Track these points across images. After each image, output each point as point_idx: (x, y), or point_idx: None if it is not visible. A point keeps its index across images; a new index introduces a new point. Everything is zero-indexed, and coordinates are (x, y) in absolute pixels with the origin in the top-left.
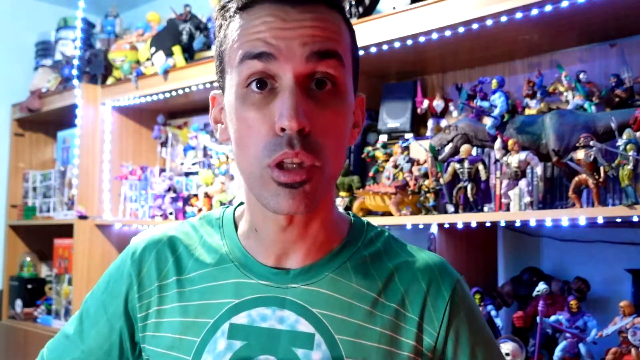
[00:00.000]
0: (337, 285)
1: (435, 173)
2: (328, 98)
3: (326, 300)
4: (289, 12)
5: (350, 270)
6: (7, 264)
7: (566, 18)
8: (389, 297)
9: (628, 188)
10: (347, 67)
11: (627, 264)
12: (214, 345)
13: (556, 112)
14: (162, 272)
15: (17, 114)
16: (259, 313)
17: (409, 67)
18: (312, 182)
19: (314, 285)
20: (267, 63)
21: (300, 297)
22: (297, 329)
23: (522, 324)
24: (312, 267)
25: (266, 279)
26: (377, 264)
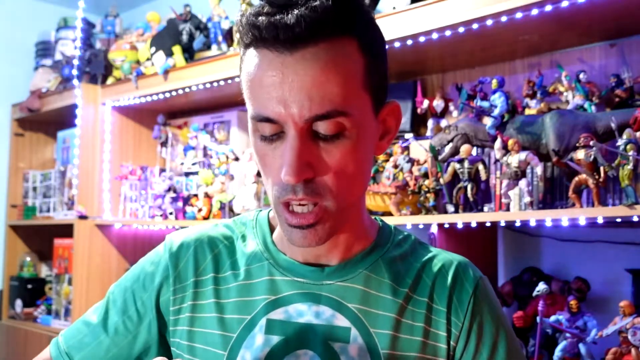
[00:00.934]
0: (371, 281)
1: (435, 173)
2: (336, 141)
3: (361, 296)
4: (286, 61)
5: (382, 267)
6: (7, 264)
7: (566, 18)
8: (420, 292)
9: (628, 188)
10: (359, 102)
11: (627, 264)
12: (251, 340)
13: (556, 112)
14: (199, 268)
15: (17, 114)
16: (295, 309)
17: (409, 67)
18: (322, 222)
19: (349, 282)
20: (273, 123)
21: (336, 293)
22: (334, 324)
23: (522, 324)
24: (347, 265)
25: (302, 276)
26: (406, 263)
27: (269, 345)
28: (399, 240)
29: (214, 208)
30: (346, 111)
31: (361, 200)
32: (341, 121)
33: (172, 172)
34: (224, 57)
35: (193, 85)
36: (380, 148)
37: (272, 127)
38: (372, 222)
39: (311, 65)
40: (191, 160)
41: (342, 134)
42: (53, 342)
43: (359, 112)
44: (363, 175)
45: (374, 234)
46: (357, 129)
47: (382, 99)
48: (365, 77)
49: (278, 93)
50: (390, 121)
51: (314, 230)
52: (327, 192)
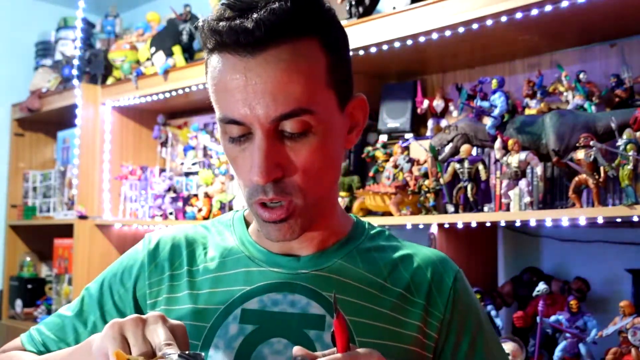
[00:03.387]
0: (346, 271)
1: (435, 173)
2: (302, 139)
3: (336, 285)
4: (249, 64)
5: (357, 258)
6: (7, 264)
7: (566, 18)
8: (395, 283)
9: (628, 188)
10: (324, 100)
11: (627, 263)
12: (225, 329)
13: (556, 112)
14: (175, 263)
15: (17, 114)
16: (270, 298)
17: (409, 67)
18: (294, 216)
19: (324, 271)
20: (240, 125)
21: (311, 282)
22: (309, 312)
23: (522, 324)
24: (322, 254)
25: (277, 266)
26: (382, 254)
27: (243, 334)
28: (372, 234)
29: (214, 208)
30: (311, 109)
31: (334, 195)
32: (306, 119)
33: (172, 172)
34: None
35: (193, 85)
36: (349, 141)
37: (240, 128)
38: (347, 217)
39: (273, 67)
40: (191, 160)
41: (309, 132)
42: (26, 335)
43: (324, 109)
44: (332, 170)
45: (348, 228)
46: (323, 126)
47: (347, 94)
48: (328, 75)
49: (243, 96)
50: (358, 114)
51: (288, 224)
52: (297, 190)
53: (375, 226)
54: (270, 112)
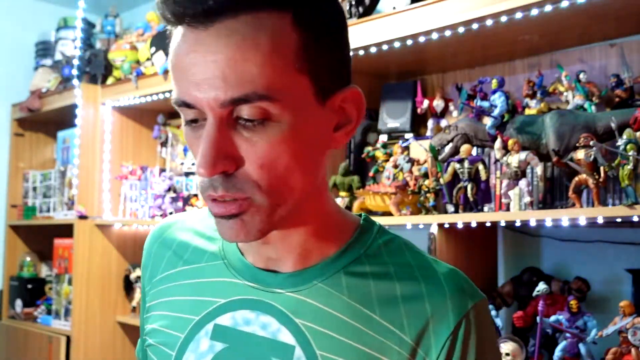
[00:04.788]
0: (326, 296)
1: (435, 173)
2: (260, 130)
3: (312, 312)
4: (201, 37)
5: (344, 281)
6: (7, 264)
7: (566, 18)
8: (385, 315)
9: (628, 188)
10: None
11: (627, 263)
12: (196, 344)
13: (556, 112)
14: (160, 266)
15: (17, 114)
16: (242, 316)
17: (409, 67)
18: (249, 214)
19: (301, 294)
20: (193, 108)
21: (285, 305)
22: (278, 339)
23: (522, 324)
24: (302, 274)
25: (253, 281)
26: (380, 277)
27: (212, 352)
28: (378, 245)
29: None
30: (270, 95)
31: (319, 201)
32: (264, 107)
33: (172, 172)
34: None
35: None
36: (336, 140)
37: (193, 111)
38: (347, 224)
39: (227, 41)
40: (191, 160)
41: (268, 122)
42: None
43: (291, 98)
44: (306, 170)
45: (345, 238)
46: (289, 117)
47: (332, 84)
48: (301, 58)
49: (193, 74)
50: (351, 109)
51: (241, 221)
52: (253, 187)
53: (388, 233)
54: (219, 94)
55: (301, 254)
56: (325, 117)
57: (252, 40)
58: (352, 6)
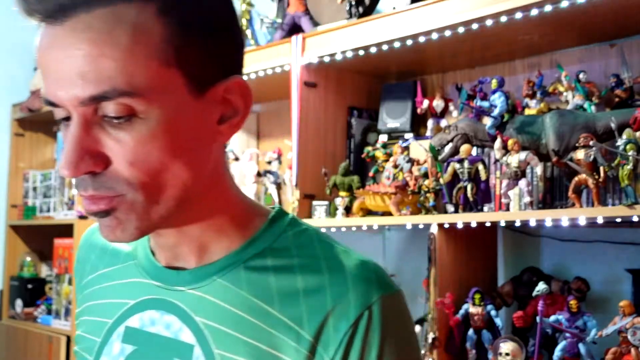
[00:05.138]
0: (226, 292)
1: (435, 173)
2: (127, 126)
3: (211, 309)
4: (57, 34)
5: (243, 276)
6: (8, 264)
7: (566, 18)
8: (284, 311)
9: (628, 188)
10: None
11: (627, 263)
12: (110, 348)
13: (556, 112)
14: (85, 270)
15: (17, 114)
16: (149, 317)
17: (409, 67)
18: (123, 211)
19: (200, 290)
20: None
21: (186, 302)
22: (180, 338)
23: (522, 324)
24: (202, 270)
25: (158, 280)
26: (283, 271)
27: (123, 355)
28: (285, 239)
29: None
30: (131, 91)
31: (217, 192)
32: (127, 103)
33: None
34: None
35: None
36: (221, 133)
37: (61, 110)
38: (254, 217)
39: (83, 37)
40: None
41: (135, 118)
42: None
43: (157, 92)
44: (187, 165)
45: (251, 232)
46: (157, 112)
47: (211, 75)
48: (167, 50)
49: (53, 72)
50: (236, 100)
51: (116, 219)
52: (124, 185)
53: (301, 225)
54: (78, 92)
55: (202, 249)
56: (204, 109)
57: (109, 34)
58: (352, 6)
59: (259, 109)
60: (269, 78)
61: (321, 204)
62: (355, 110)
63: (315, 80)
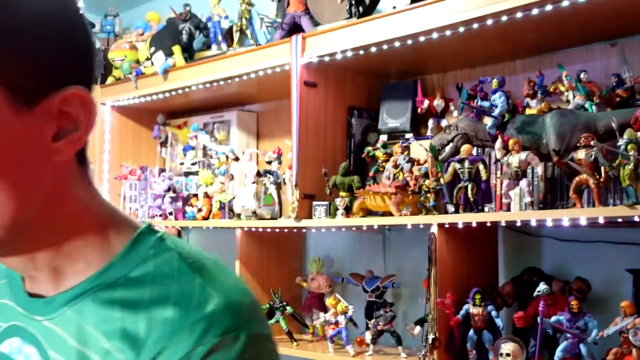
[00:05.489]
0: (72, 324)
1: (436, 173)
2: None
3: (60, 343)
4: None
5: (90, 309)
6: None
7: (567, 18)
8: (126, 349)
9: (629, 188)
10: None
11: (628, 264)
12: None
13: (557, 111)
14: None
15: None
16: (16, 344)
17: (409, 67)
18: None
19: (53, 322)
20: None
21: (42, 334)
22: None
23: (523, 324)
24: (55, 299)
25: (22, 306)
26: (129, 306)
27: None
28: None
29: (214, 208)
30: None
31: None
32: None
33: (172, 172)
34: (224, 57)
35: (193, 85)
36: (58, 151)
37: None
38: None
39: None
40: (191, 160)
41: None
42: None
43: None
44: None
45: (109, 256)
46: None
47: (39, 86)
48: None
49: None
50: (76, 112)
51: None
52: None
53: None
54: None
55: (56, 275)
56: (33, 125)
57: None
58: (352, 6)
59: (259, 108)
60: (269, 78)
61: (321, 204)
62: (355, 110)
63: (315, 80)
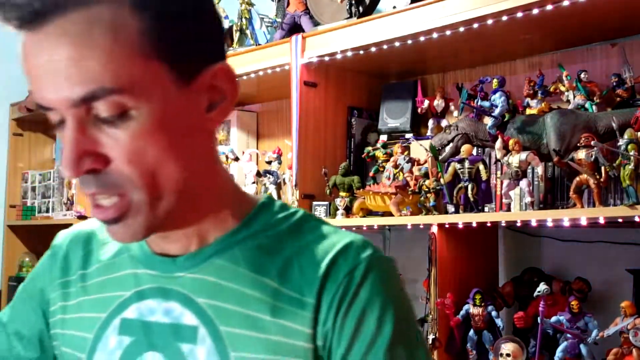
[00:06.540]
0: (225, 271)
1: (436, 173)
2: (120, 124)
3: (212, 289)
4: (37, 40)
5: (240, 255)
6: (6, 264)
7: (567, 17)
8: (285, 283)
9: (629, 188)
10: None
11: (628, 264)
12: (106, 342)
13: (557, 111)
14: (70, 268)
15: (16, 114)
16: (147, 306)
17: (409, 67)
18: (131, 216)
19: (200, 273)
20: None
21: (186, 287)
22: (182, 322)
23: (523, 325)
24: (199, 254)
25: (154, 269)
26: (277, 247)
27: (120, 348)
28: (278, 220)
29: None
30: (119, 88)
31: (208, 185)
32: (118, 100)
33: None
34: None
35: None
36: (212, 120)
37: (55, 113)
38: (246, 201)
39: (62, 41)
40: None
41: (127, 115)
42: None
43: (143, 86)
44: (182, 156)
45: (244, 215)
46: (146, 106)
47: (195, 63)
48: (147, 44)
49: (39, 77)
50: (223, 85)
51: (125, 225)
52: (127, 183)
53: (289, 209)
54: (67, 95)
55: (200, 235)
56: (192, 98)
57: (86, 36)
58: (352, 6)
59: (259, 108)
60: (269, 77)
61: (321, 204)
62: (355, 110)
63: (315, 79)
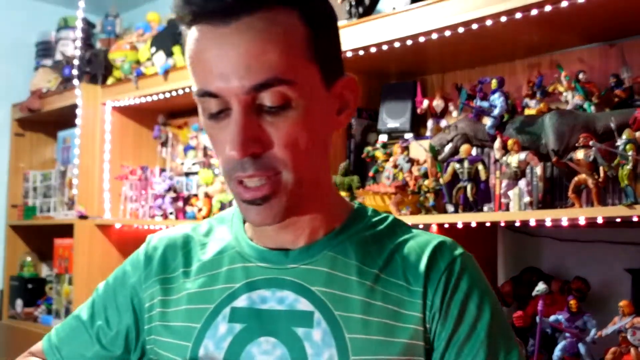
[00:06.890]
0: (337, 263)
1: (435, 173)
2: (282, 113)
3: (325, 278)
4: (222, 34)
5: (350, 248)
6: (8, 263)
7: (566, 18)
8: (391, 273)
9: (627, 188)
10: (304, 72)
11: (627, 263)
12: (214, 330)
13: (556, 112)
14: (169, 266)
15: (17, 114)
16: (259, 295)
17: (408, 67)
18: (277, 195)
19: (313, 264)
20: (217, 98)
21: (299, 277)
22: (297, 308)
23: (522, 324)
24: (311, 247)
25: (266, 262)
26: (378, 244)
27: (232, 334)
28: (374, 222)
29: (214, 208)
30: (289, 79)
31: (325, 180)
32: (284, 91)
33: (172, 172)
34: None
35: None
36: (339, 123)
37: (217, 103)
38: (344, 204)
39: (247, 36)
40: (191, 160)
41: (288, 105)
42: (46, 337)
43: (304, 82)
44: (320, 150)
45: (344, 216)
46: (304, 100)
47: (334, 72)
48: (310, 48)
49: (217, 67)
50: (348, 95)
51: (269, 205)
52: (281, 165)
53: (381, 213)
54: (244, 82)
55: (311, 231)
56: (330, 101)
57: (268, 33)
58: (352, 6)
59: None
60: None
61: None
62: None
63: None
